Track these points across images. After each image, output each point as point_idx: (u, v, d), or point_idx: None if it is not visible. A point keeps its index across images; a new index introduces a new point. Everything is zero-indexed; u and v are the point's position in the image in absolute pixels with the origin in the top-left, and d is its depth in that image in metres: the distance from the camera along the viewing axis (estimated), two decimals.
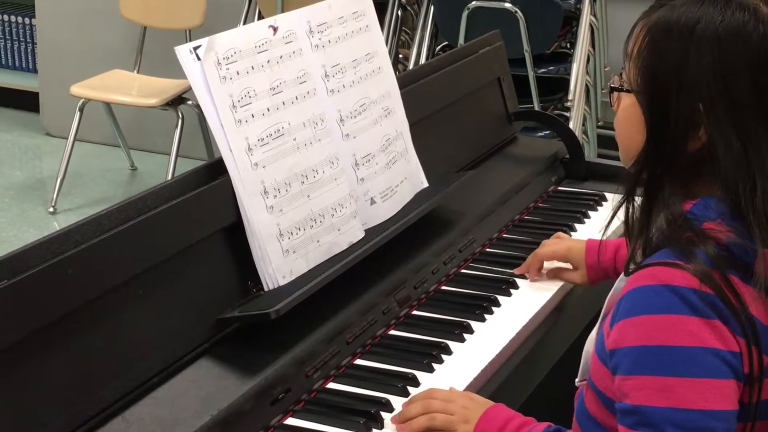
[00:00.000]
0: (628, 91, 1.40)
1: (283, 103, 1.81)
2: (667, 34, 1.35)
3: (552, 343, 1.94)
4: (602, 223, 1.52)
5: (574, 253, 1.97)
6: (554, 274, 2.00)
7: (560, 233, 2.10)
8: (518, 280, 2.00)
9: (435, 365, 1.72)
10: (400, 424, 1.56)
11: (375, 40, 2.07)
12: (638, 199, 1.41)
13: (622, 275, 1.43)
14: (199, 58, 1.71)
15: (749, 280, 1.30)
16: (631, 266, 1.38)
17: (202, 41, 1.72)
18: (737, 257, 1.31)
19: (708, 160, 1.34)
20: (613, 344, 1.34)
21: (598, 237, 2.10)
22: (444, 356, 1.75)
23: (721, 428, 1.28)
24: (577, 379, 1.54)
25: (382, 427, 1.56)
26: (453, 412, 1.54)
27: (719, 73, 1.32)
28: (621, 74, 1.44)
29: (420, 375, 1.68)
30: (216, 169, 1.74)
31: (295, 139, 1.82)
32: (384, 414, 1.58)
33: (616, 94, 1.44)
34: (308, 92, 1.86)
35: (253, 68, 1.77)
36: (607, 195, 2.40)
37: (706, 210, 1.34)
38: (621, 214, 1.44)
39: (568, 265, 2.00)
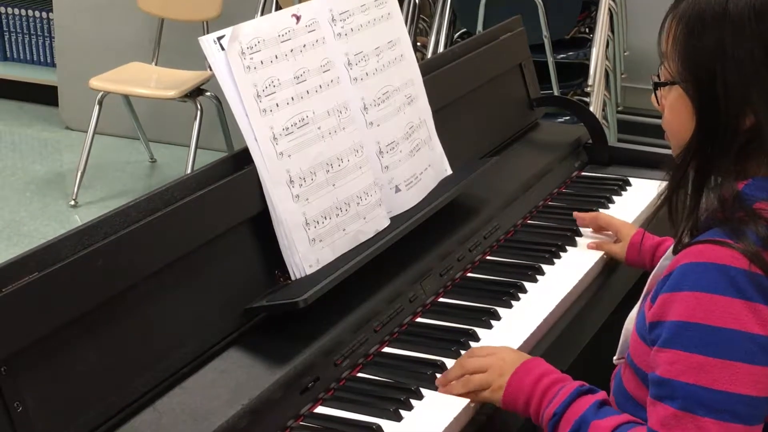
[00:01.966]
0: (672, 83, 1.39)
1: (307, 92, 1.81)
2: (700, 19, 1.34)
3: (580, 328, 1.93)
4: (627, 207, 1.51)
5: (626, 229, 2.05)
6: (597, 246, 2.07)
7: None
8: (544, 267, 2.00)
9: (463, 352, 1.72)
10: (443, 387, 1.59)
11: (397, 28, 2.06)
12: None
13: (666, 254, 1.43)
14: (223, 48, 1.71)
15: None
16: (679, 247, 1.37)
17: (226, 31, 1.72)
18: None
19: (758, 138, 1.33)
20: (653, 317, 1.35)
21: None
22: (472, 343, 1.74)
23: (746, 413, 1.27)
24: (615, 357, 1.55)
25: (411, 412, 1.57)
26: (489, 366, 1.56)
27: (760, 46, 1.32)
28: (658, 75, 1.42)
29: (448, 362, 1.68)
30: (241, 159, 1.74)
31: (319, 128, 1.82)
32: (413, 401, 1.58)
33: (660, 92, 1.43)
34: (332, 81, 1.86)
35: (276, 57, 1.77)
36: (631, 180, 2.39)
37: (758, 190, 1.34)
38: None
39: (610, 241, 2.09)
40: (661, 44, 1.41)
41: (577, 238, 2.12)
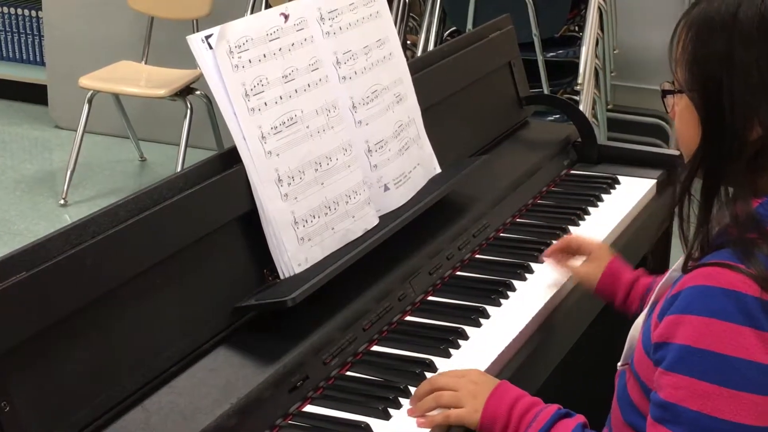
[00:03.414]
0: (680, 91, 1.37)
1: (296, 91, 1.81)
2: (710, 26, 1.32)
3: (569, 327, 1.94)
4: (616, 206, 1.49)
5: (602, 251, 1.91)
6: (565, 264, 1.93)
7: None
8: (533, 265, 2.00)
9: (452, 350, 1.72)
10: (413, 405, 1.57)
11: (386, 26, 2.06)
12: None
13: (675, 264, 1.40)
14: (211, 47, 1.71)
15: None
16: (690, 263, 1.35)
17: (214, 30, 1.72)
18: None
19: (766, 151, 1.31)
20: (659, 338, 1.32)
21: (611, 221, 2.11)
22: (460, 341, 1.75)
23: None
24: (619, 363, 1.51)
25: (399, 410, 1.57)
26: (461, 388, 1.54)
27: (766, 55, 1.29)
28: (673, 82, 1.40)
29: (437, 360, 1.69)
30: (230, 158, 1.74)
31: (308, 127, 1.82)
32: (402, 400, 1.59)
33: (671, 101, 1.40)
34: (320, 79, 1.86)
35: (265, 56, 1.77)
36: (620, 178, 2.40)
37: None
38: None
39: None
40: (671, 51, 1.38)
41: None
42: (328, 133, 1.85)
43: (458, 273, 1.98)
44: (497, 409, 1.51)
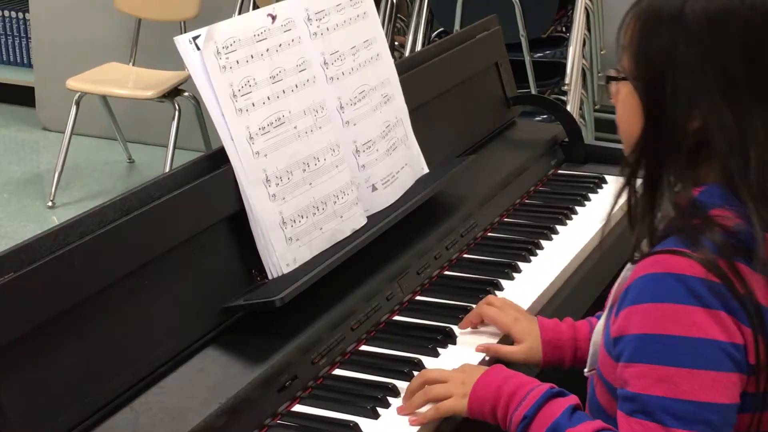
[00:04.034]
0: (624, 78, 1.39)
1: (284, 92, 1.81)
2: (657, 18, 1.35)
3: None
4: (602, 206, 1.50)
5: (520, 326, 1.74)
6: (485, 349, 1.72)
7: (505, 299, 1.83)
8: (521, 264, 2.01)
9: (440, 350, 1.73)
10: (404, 402, 1.57)
11: (373, 27, 2.07)
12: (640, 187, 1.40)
13: (628, 264, 1.42)
14: (198, 48, 1.71)
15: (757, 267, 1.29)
16: (637, 254, 1.38)
17: (201, 31, 1.72)
18: (744, 244, 1.30)
19: (707, 142, 1.33)
20: (617, 332, 1.34)
21: (598, 220, 2.10)
22: (449, 340, 1.75)
23: (718, 421, 1.27)
24: (586, 369, 1.53)
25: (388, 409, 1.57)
26: (449, 377, 1.55)
27: (710, 50, 1.31)
28: (617, 69, 1.42)
29: (425, 359, 1.69)
30: (218, 159, 1.74)
31: (295, 127, 1.82)
32: (391, 399, 1.59)
33: (614, 87, 1.43)
34: (308, 80, 1.87)
35: (252, 57, 1.77)
36: (607, 177, 2.41)
37: (713, 197, 1.33)
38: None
39: (497, 338, 1.77)
40: (619, 39, 1.41)
41: (553, 236, 2.14)
42: (316, 133, 1.85)
43: (446, 272, 1.99)
44: (486, 390, 1.50)
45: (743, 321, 1.28)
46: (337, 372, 1.67)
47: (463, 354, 1.72)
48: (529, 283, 1.96)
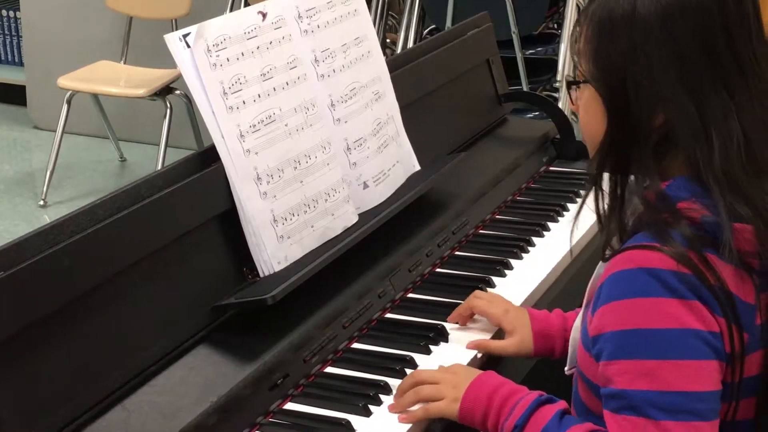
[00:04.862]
0: (585, 82, 1.40)
1: (274, 89, 1.81)
2: (611, 20, 1.35)
3: None
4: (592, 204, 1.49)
5: (511, 317, 1.75)
6: (476, 345, 1.73)
7: (493, 293, 1.85)
8: (512, 261, 2.01)
9: (432, 347, 1.73)
10: (396, 400, 1.57)
11: (364, 24, 2.06)
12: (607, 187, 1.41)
13: (601, 262, 1.43)
14: (188, 46, 1.70)
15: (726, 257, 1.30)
16: (608, 252, 1.39)
17: (192, 29, 1.72)
18: (712, 235, 1.31)
19: (672, 135, 1.34)
20: (595, 331, 1.35)
21: (589, 217, 2.10)
22: (441, 338, 1.75)
23: (705, 409, 1.28)
24: (566, 368, 1.55)
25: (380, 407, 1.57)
26: (441, 379, 1.55)
27: (667, 44, 1.33)
28: (575, 76, 1.44)
29: (417, 357, 1.69)
30: (209, 157, 1.74)
31: (286, 125, 1.82)
32: (383, 396, 1.59)
33: (575, 93, 1.43)
34: (299, 77, 1.86)
35: (243, 55, 1.77)
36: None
37: (680, 190, 1.34)
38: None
39: (489, 334, 1.78)
40: (574, 45, 1.42)
41: (545, 233, 2.14)
42: (307, 131, 1.85)
43: (438, 270, 1.98)
44: (477, 398, 1.50)
45: (716, 311, 1.29)
46: (329, 370, 1.67)
47: (455, 351, 1.72)
48: (521, 280, 1.96)
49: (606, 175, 1.41)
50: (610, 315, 1.32)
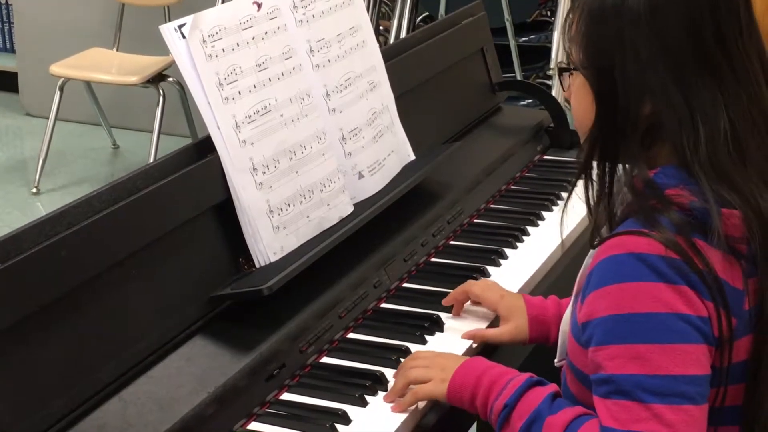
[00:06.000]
0: (575, 69, 1.42)
1: (270, 80, 1.81)
2: (601, 8, 1.37)
3: None
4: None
5: (507, 302, 1.76)
6: (472, 335, 1.73)
7: (488, 280, 1.86)
8: (507, 251, 2.01)
9: (427, 337, 1.73)
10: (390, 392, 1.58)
11: (358, 14, 2.06)
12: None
13: (591, 251, 1.44)
14: (184, 37, 1.70)
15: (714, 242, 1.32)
16: (597, 239, 1.40)
17: (187, 19, 1.72)
18: (700, 221, 1.32)
19: (659, 124, 1.35)
20: (584, 317, 1.35)
21: (584, 206, 2.11)
22: (436, 327, 1.76)
23: (694, 393, 1.29)
24: (556, 360, 1.55)
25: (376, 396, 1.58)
26: (429, 365, 1.55)
27: (655, 33, 1.34)
28: (569, 63, 1.45)
29: (413, 347, 1.70)
30: (204, 148, 1.74)
31: (282, 115, 1.82)
32: (378, 386, 1.59)
33: (567, 80, 1.45)
34: (294, 68, 1.86)
35: (238, 45, 1.77)
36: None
37: (668, 177, 1.35)
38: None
39: (484, 324, 1.78)
40: (566, 32, 1.43)
41: (540, 222, 2.14)
42: (302, 121, 1.85)
43: (433, 259, 1.99)
44: (466, 378, 1.50)
45: (705, 295, 1.30)
46: (325, 360, 1.67)
47: (450, 341, 1.73)
48: (516, 269, 1.97)
49: (595, 164, 1.43)
50: (600, 300, 1.33)
